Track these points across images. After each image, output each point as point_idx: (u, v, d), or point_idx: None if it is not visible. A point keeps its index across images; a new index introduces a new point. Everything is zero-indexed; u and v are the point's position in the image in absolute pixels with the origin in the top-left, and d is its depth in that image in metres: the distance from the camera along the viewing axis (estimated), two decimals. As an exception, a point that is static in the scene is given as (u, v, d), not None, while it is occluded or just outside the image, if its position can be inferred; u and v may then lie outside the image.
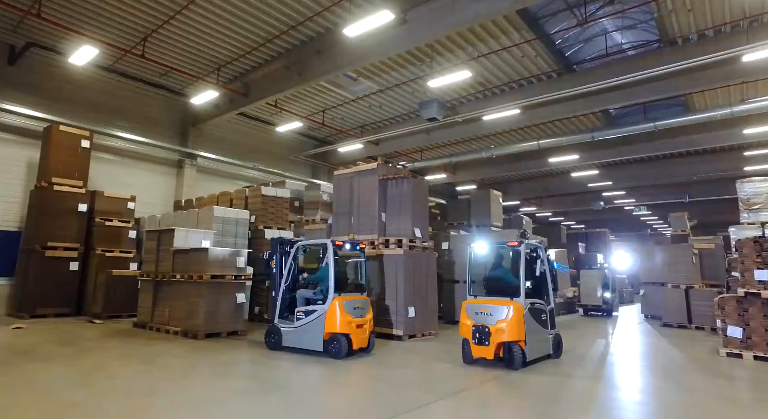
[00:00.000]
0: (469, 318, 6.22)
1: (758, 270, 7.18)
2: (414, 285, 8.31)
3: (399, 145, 17.78)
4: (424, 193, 9.07)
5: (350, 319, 6.50)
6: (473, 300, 6.43)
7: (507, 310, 5.97)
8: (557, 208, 33.46)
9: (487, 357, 5.99)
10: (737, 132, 15.42)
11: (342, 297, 6.60)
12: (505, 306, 6.01)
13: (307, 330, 6.59)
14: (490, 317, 6.03)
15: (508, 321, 5.90)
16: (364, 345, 6.69)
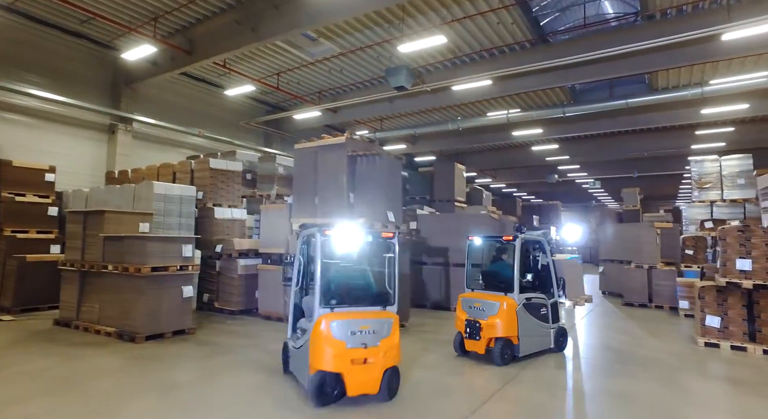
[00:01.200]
0: (464, 312, 6.19)
1: (740, 259, 6.98)
2: (386, 274, 7.54)
3: (359, 113, 16.66)
4: (397, 172, 8.21)
5: (343, 350, 4.25)
6: (468, 293, 6.39)
7: (499, 306, 5.89)
8: (512, 180, 33.75)
9: (478, 351, 5.96)
10: (695, 111, 15.57)
11: (335, 314, 4.39)
12: (497, 302, 5.93)
13: (300, 357, 4.69)
14: (483, 312, 5.99)
15: (500, 316, 5.84)
16: (371, 390, 4.35)
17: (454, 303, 10.19)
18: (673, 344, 7.29)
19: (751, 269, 6.91)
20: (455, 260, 10.33)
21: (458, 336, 6.23)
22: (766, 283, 6.77)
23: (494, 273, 6.50)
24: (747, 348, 6.82)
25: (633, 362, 6.21)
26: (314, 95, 16.10)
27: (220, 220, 9.53)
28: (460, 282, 10.20)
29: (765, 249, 6.88)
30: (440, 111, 17.53)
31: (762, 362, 6.34)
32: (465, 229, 10.21)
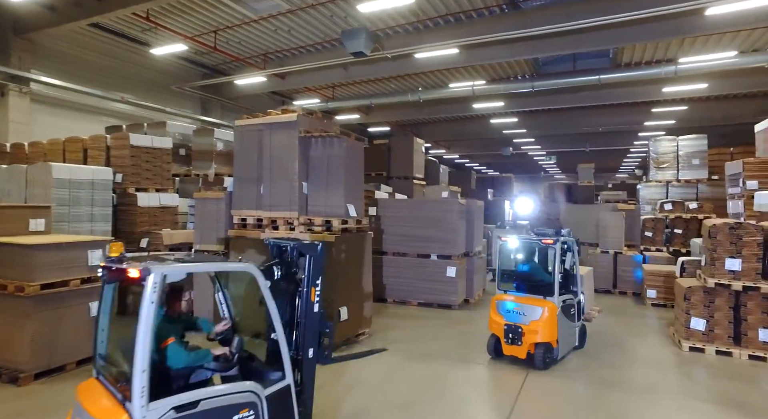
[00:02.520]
0: (500, 315, 6.01)
1: (730, 258, 6.48)
2: (347, 279, 6.46)
3: (310, 80, 15.00)
4: (359, 158, 6.98)
5: None
6: (504, 296, 6.19)
7: (541, 311, 5.78)
8: (466, 151, 33.23)
9: (519, 356, 5.79)
10: (657, 89, 15.26)
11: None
12: (539, 307, 5.81)
13: None
14: (524, 317, 5.84)
15: (543, 322, 5.73)
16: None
17: (418, 297, 9.37)
18: (656, 349, 6.79)
19: (740, 269, 6.44)
20: (420, 250, 9.39)
21: (492, 338, 6.12)
22: (755, 285, 6.33)
23: (528, 275, 6.37)
24: (732, 353, 6.42)
25: (622, 380, 5.58)
26: (258, 58, 14.24)
27: (146, 209, 7.97)
28: (424, 274, 9.36)
29: (756, 248, 6.39)
30: (399, 79, 16.18)
31: (751, 370, 5.93)
32: (430, 216, 9.27)
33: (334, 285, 6.07)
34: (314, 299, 3.37)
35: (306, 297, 3.37)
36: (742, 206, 9.10)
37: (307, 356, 3.35)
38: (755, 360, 6.27)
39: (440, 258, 9.21)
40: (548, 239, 6.10)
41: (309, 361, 3.35)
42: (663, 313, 9.09)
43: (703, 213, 12.69)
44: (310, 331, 3.35)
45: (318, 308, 3.40)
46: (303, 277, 3.40)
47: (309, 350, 3.35)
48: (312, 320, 3.36)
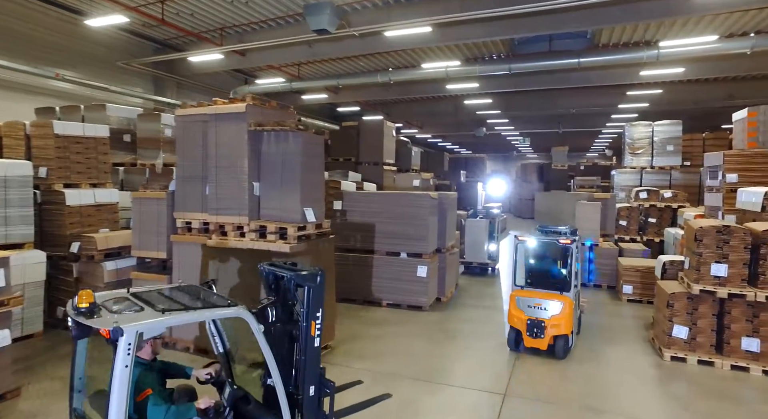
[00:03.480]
0: (521, 310, 6.39)
1: (716, 263, 6.10)
2: (305, 291, 5.75)
3: (272, 57, 13.88)
4: (319, 154, 6.18)
5: None
6: (522, 292, 6.57)
7: (561, 305, 6.24)
8: (438, 131, 32.58)
9: (540, 347, 6.25)
10: (634, 72, 14.84)
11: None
12: (559, 302, 6.26)
13: None
14: (545, 311, 6.27)
15: (563, 316, 6.21)
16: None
17: (388, 297, 8.77)
18: (637, 360, 6.42)
19: (726, 275, 6.07)
20: (389, 248, 8.76)
21: (512, 332, 6.51)
22: (741, 292, 5.97)
23: (544, 272, 6.91)
24: (714, 363, 6.11)
25: (603, 399, 5.15)
26: (215, 33, 13.00)
27: (76, 207, 6.98)
28: (394, 273, 8.74)
29: (743, 253, 6.02)
30: (370, 58, 15.21)
31: (733, 384, 5.61)
32: (399, 212, 8.61)
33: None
34: (314, 333, 3.09)
35: (306, 332, 3.08)
36: (721, 200, 8.79)
37: (308, 394, 3.10)
38: (737, 371, 5.97)
39: (410, 257, 8.61)
40: (566, 239, 6.55)
41: (310, 400, 3.11)
42: (639, 311, 8.80)
43: (677, 202, 12.50)
44: (310, 368, 3.09)
45: (318, 343, 3.12)
46: (302, 310, 3.10)
47: (309, 388, 3.09)
48: (312, 356, 3.09)
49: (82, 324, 2.49)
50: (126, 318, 2.45)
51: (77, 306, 2.55)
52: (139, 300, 2.78)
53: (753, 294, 5.88)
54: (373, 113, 24.01)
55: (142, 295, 2.92)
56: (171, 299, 2.90)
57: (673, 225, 12.36)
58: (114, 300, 2.79)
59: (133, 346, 2.38)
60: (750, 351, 6.01)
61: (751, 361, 5.97)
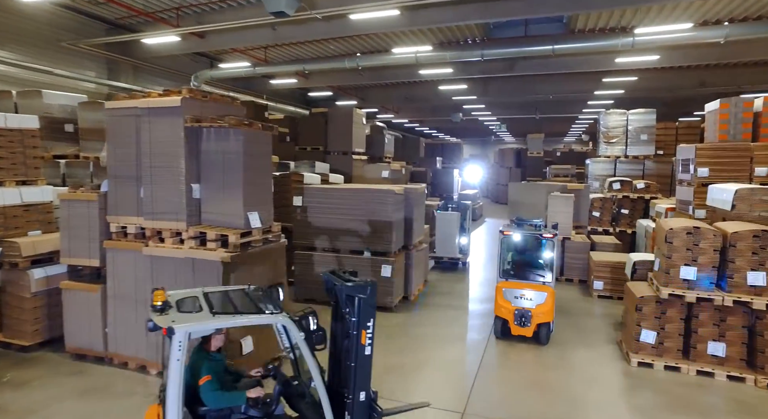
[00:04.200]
0: (507, 301, 6.73)
1: (685, 266, 5.87)
2: (251, 302, 5.30)
3: (234, 40, 13.09)
4: (265, 153, 5.66)
5: None
6: (508, 283, 6.90)
7: (545, 295, 6.64)
8: (415, 116, 32.03)
9: (526, 335, 6.69)
10: (610, 59, 14.55)
11: None
12: (543, 292, 6.67)
13: None
14: (530, 301, 6.65)
15: (547, 305, 6.63)
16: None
17: None
18: (602, 364, 6.21)
19: (695, 278, 5.85)
20: (352, 246, 8.34)
21: (498, 321, 6.88)
22: (710, 296, 5.77)
23: (526, 264, 7.34)
24: (680, 368, 5.93)
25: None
26: (170, 12, 12.10)
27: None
28: (360, 273, 8.31)
29: (713, 255, 5.80)
30: (340, 41, 14.50)
31: (698, 393, 5.43)
32: (363, 209, 8.19)
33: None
34: (365, 342, 3.23)
35: (357, 341, 3.21)
36: (692, 194, 8.61)
37: (358, 399, 3.24)
38: (702, 376, 5.81)
39: (375, 256, 8.22)
40: (548, 234, 6.98)
41: (360, 404, 3.25)
42: (609, 308, 8.64)
43: (649, 193, 12.38)
44: (360, 375, 3.25)
45: (370, 351, 3.25)
46: (352, 320, 3.24)
47: (360, 393, 3.25)
48: (363, 363, 3.24)
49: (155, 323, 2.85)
50: (182, 319, 2.81)
51: (153, 304, 2.96)
52: (204, 301, 3.14)
53: (721, 298, 5.68)
54: (347, 98, 23.33)
55: (210, 295, 3.27)
56: (231, 302, 3.24)
57: (645, 216, 12.26)
58: (185, 298, 3.15)
59: (183, 343, 2.73)
60: (716, 355, 5.85)
61: (716, 366, 5.81)
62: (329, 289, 3.48)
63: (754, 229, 5.61)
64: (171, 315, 2.92)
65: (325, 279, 3.52)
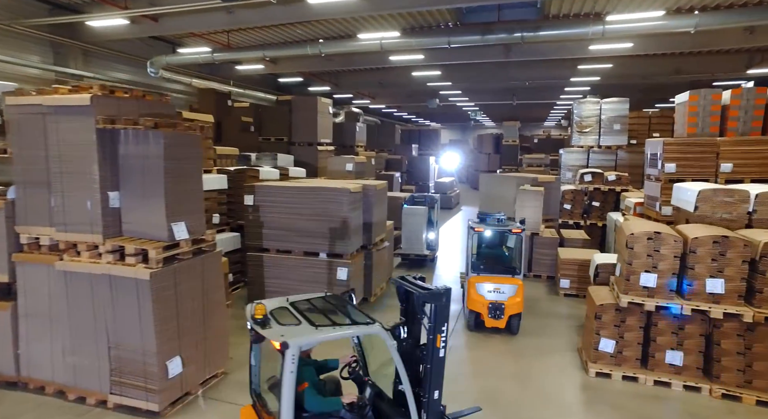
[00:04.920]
0: (481, 295, 6.91)
1: (645, 273, 5.61)
2: (180, 321, 4.86)
3: (189, 24, 12.25)
4: (194, 155, 5.13)
5: None
6: (480, 278, 7.11)
7: (516, 288, 6.96)
8: (392, 102, 31.38)
9: (499, 326, 6.92)
10: (583, 46, 14.17)
11: None
12: (514, 285, 6.98)
13: None
14: (503, 294, 6.90)
15: (518, 297, 6.94)
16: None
17: None
18: (560, 375, 5.96)
19: (655, 285, 5.60)
20: (306, 247, 7.91)
21: (472, 314, 7.05)
22: (668, 304, 5.53)
23: (496, 258, 7.65)
24: (638, 378, 5.71)
25: None
26: (117, -8, 11.26)
27: None
28: (312, 276, 7.89)
29: (673, 262, 5.54)
30: (306, 26, 13.76)
31: (655, 407, 5.21)
32: (316, 208, 7.75)
33: (156, 330, 4.50)
34: (439, 345, 3.44)
35: (432, 344, 3.43)
36: (659, 190, 8.38)
37: (433, 397, 3.45)
38: (660, 386, 5.60)
39: (330, 257, 7.82)
40: (517, 228, 7.30)
41: (434, 402, 3.46)
42: (574, 307, 8.43)
43: (620, 185, 12.18)
44: (435, 375, 3.45)
45: (443, 353, 3.46)
46: (428, 325, 3.46)
47: (434, 392, 3.44)
48: (437, 365, 3.45)
49: (258, 332, 3.10)
50: (290, 332, 3.00)
51: (254, 317, 3.15)
52: (296, 312, 3.33)
53: (679, 306, 5.45)
54: (319, 84, 22.61)
55: (297, 305, 3.47)
56: (322, 312, 3.43)
57: (616, 209, 12.08)
58: (277, 310, 3.33)
59: (296, 357, 2.90)
60: (673, 364, 5.64)
61: (673, 376, 5.61)
62: (402, 295, 3.81)
63: (714, 235, 5.35)
64: (275, 328, 3.09)
65: (397, 286, 3.82)
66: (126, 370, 4.64)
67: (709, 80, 20.34)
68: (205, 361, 5.29)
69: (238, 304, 8.34)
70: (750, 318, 5.19)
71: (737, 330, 5.34)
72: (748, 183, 7.77)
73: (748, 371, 5.33)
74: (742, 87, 9.67)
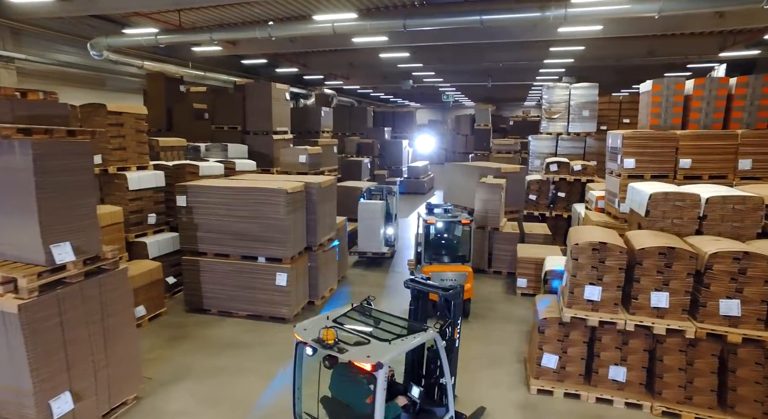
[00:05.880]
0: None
1: (590, 285, 5.24)
2: (70, 352, 4.34)
3: (130, 3, 11.32)
4: (83, 164, 4.48)
5: None
6: (432, 267, 7.48)
7: (465, 275, 7.37)
8: (366, 82, 30.48)
9: None
10: (553, 29, 13.58)
11: None
12: (464, 272, 7.40)
13: None
14: (454, 282, 7.16)
15: (468, 283, 7.28)
16: None
17: (246, 308, 7.36)
18: (501, 390, 5.62)
19: (599, 299, 5.24)
20: (244, 251, 7.41)
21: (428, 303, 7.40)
22: (612, 319, 5.19)
23: (447, 247, 8.00)
24: (580, 396, 5.41)
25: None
26: (44, -33, 10.27)
27: None
28: (251, 281, 7.38)
29: (618, 274, 5.18)
30: (263, 6, 12.81)
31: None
32: (252, 210, 7.23)
33: (30, 367, 3.99)
34: (456, 336, 3.99)
35: (450, 336, 3.92)
36: (618, 186, 8.02)
37: (450, 382, 3.82)
38: (602, 403, 5.31)
39: (269, 261, 7.33)
40: (466, 219, 7.73)
41: (453, 387, 3.87)
42: (531, 309, 8.08)
43: (586, 175, 11.83)
44: (454, 362, 3.98)
45: (458, 343, 4.03)
46: (448, 319, 3.91)
47: (453, 377, 3.89)
48: (456, 353, 4.01)
49: (333, 356, 3.12)
50: (372, 352, 3.08)
51: (326, 343, 3.12)
52: (353, 330, 3.41)
53: (623, 321, 5.11)
54: (287, 65, 21.70)
55: (343, 322, 3.54)
56: (370, 325, 3.57)
57: (582, 200, 11.76)
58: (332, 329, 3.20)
59: (386, 374, 3.07)
60: (616, 380, 5.34)
61: (615, 392, 5.32)
62: (415, 294, 4.27)
63: (661, 246, 4.98)
64: (353, 350, 3.13)
65: (411, 288, 4.25)
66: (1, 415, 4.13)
67: (683, 63, 19.97)
68: (109, 391, 4.80)
69: (174, 311, 7.86)
70: (692, 334, 4.89)
71: (679, 345, 5.04)
72: (706, 180, 7.47)
73: (689, 387, 5.05)
74: (709, 75, 9.27)
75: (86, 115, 7.64)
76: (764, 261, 4.69)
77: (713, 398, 5.00)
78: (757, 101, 7.93)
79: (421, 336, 3.46)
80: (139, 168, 8.39)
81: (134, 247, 7.97)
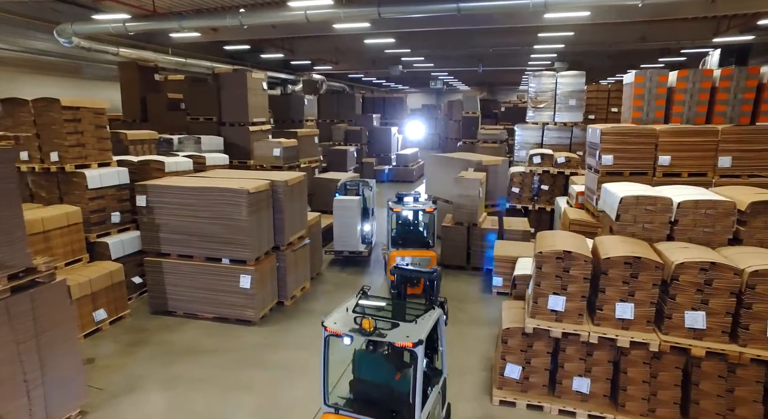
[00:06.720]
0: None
1: (553, 295, 5.03)
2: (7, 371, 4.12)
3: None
4: (5, 172, 4.22)
5: None
6: (399, 252, 8.10)
7: (429, 259, 8.04)
8: (355, 67, 29.87)
9: (417, 293, 6.32)
10: (537, 15, 13.13)
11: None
12: (428, 256, 8.08)
13: None
14: (420, 265, 7.61)
15: (431, 265, 7.81)
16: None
17: (210, 310, 7.15)
18: (466, 401, 5.44)
19: (563, 309, 5.03)
20: (208, 252, 7.17)
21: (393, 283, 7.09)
22: (576, 331, 4.99)
23: (413, 233, 8.70)
24: (543, 407, 5.24)
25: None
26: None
27: None
28: (215, 283, 7.15)
29: (583, 284, 4.96)
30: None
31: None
32: (215, 210, 6.96)
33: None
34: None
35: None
36: (596, 184, 7.76)
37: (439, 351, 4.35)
38: (565, 416, 5.15)
39: (234, 263, 7.09)
40: (430, 208, 8.36)
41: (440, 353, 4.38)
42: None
43: (570, 168, 11.55)
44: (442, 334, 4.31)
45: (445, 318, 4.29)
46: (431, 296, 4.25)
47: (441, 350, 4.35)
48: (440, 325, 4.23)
49: (377, 342, 3.49)
50: (408, 332, 3.52)
51: (367, 331, 3.51)
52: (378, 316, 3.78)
53: (587, 333, 4.91)
54: (273, 51, 21.13)
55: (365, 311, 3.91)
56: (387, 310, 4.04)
57: (566, 192, 11.51)
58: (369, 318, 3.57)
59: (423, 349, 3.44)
60: (580, 391, 5.16)
61: (579, 404, 5.14)
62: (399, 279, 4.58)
63: (627, 255, 4.75)
64: (391, 333, 3.52)
65: (396, 275, 4.55)
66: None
67: (677, 48, 19.51)
68: (47, 410, 4.60)
69: (138, 313, 7.65)
70: (656, 347, 4.69)
71: (644, 357, 4.85)
72: (686, 177, 7.21)
73: (653, 399, 4.88)
74: (697, 68, 8.92)
75: (39, 110, 7.28)
76: (731, 272, 4.46)
77: (676, 411, 4.84)
78: (740, 94, 7.64)
79: (434, 313, 3.94)
80: (101, 165, 8.06)
81: (96, 248, 7.71)
